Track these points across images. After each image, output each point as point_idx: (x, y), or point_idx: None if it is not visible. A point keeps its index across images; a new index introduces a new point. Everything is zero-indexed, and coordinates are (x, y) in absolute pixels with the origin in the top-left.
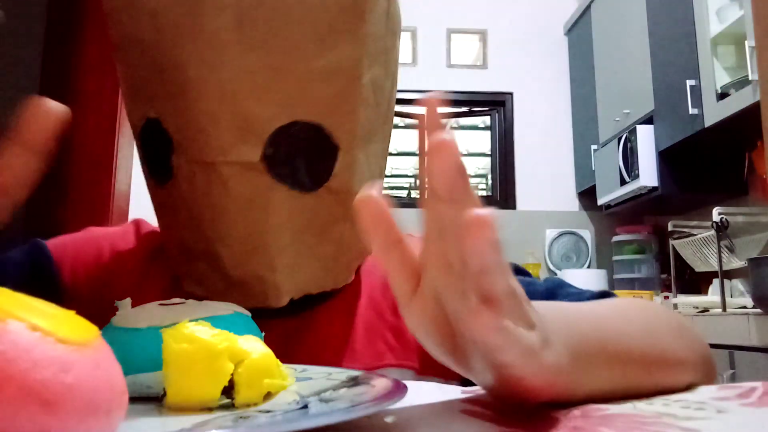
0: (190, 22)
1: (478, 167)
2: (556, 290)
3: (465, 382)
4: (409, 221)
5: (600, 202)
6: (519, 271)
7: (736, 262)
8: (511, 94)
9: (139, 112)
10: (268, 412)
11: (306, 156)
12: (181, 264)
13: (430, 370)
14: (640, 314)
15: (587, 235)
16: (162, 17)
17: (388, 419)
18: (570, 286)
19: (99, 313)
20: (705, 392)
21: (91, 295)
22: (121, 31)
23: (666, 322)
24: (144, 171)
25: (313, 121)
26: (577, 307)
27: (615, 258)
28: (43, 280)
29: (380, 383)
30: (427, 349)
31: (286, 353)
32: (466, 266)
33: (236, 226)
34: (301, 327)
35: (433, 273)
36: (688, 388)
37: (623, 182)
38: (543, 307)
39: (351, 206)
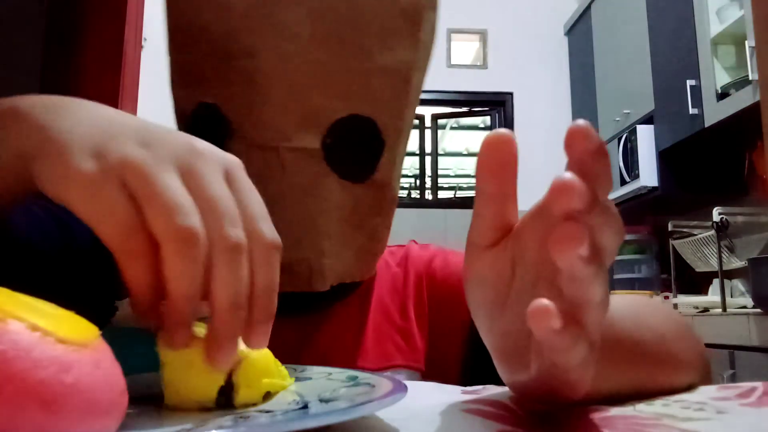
0: (265, 13)
1: None
2: None
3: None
4: (409, 221)
5: None
6: None
7: (736, 262)
8: (511, 94)
9: (191, 97)
10: (268, 412)
11: (358, 149)
12: None
13: (436, 377)
14: (650, 313)
15: None
16: (233, 8)
17: (388, 419)
18: None
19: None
20: (705, 392)
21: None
22: (181, 20)
23: (672, 323)
24: None
25: (368, 116)
26: None
27: (615, 258)
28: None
29: (380, 383)
30: (469, 301)
31: (298, 353)
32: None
33: (290, 211)
34: (313, 328)
35: (527, 250)
36: (687, 388)
37: (623, 182)
38: None
39: (386, 200)
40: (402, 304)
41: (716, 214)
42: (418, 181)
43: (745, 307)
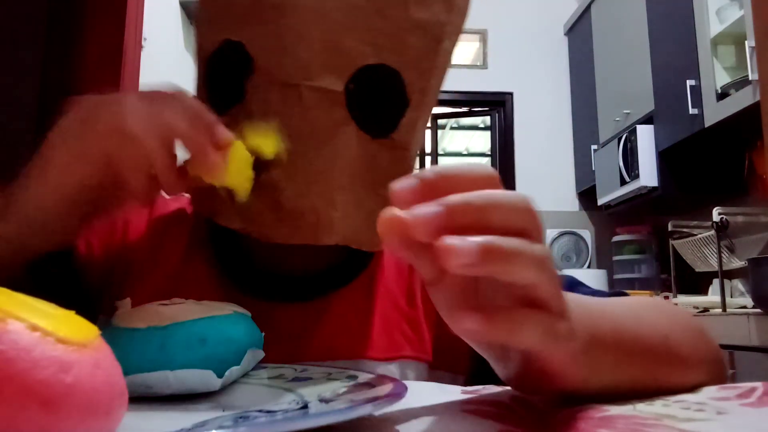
0: None
1: None
2: (572, 289)
3: (473, 376)
4: None
5: (600, 202)
6: None
7: (736, 262)
8: (511, 94)
9: (216, 35)
10: (268, 412)
11: (381, 101)
12: (223, 197)
13: (442, 364)
14: (652, 313)
15: (587, 235)
16: None
17: (388, 419)
18: (584, 285)
19: (114, 281)
20: (705, 392)
21: (107, 264)
22: None
23: (677, 322)
24: (201, 97)
25: (396, 68)
26: (595, 301)
27: (615, 258)
28: (58, 256)
29: (380, 383)
30: (451, 326)
31: (300, 340)
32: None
33: (303, 153)
34: (316, 314)
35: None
36: (694, 387)
37: (623, 182)
38: (566, 297)
39: (403, 167)
40: (409, 290)
41: (716, 214)
42: None
43: (745, 307)
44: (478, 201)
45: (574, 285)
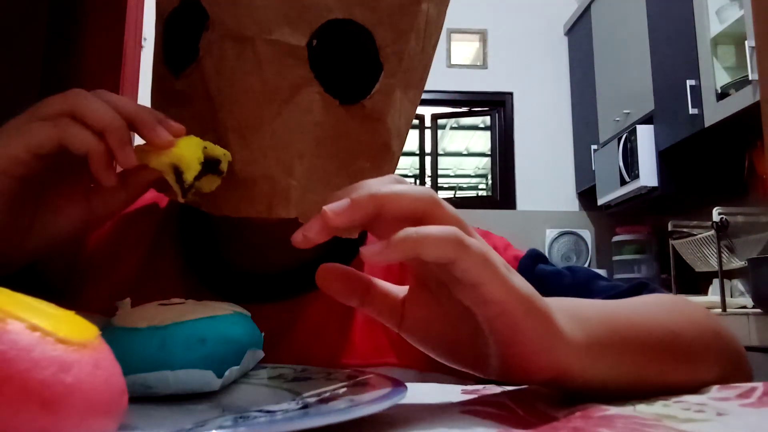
0: None
1: (478, 167)
2: (587, 284)
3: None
4: None
5: (600, 202)
6: (542, 259)
7: (736, 262)
8: (511, 94)
9: None
10: (268, 412)
11: (350, 63)
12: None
13: (441, 366)
14: (663, 311)
15: (587, 235)
16: None
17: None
18: (601, 278)
19: (75, 275)
20: (705, 393)
21: (69, 257)
22: None
23: (691, 320)
24: (156, 68)
25: (367, 27)
26: (600, 302)
27: (615, 258)
28: None
29: (380, 383)
30: (433, 354)
31: (276, 341)
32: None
33: (259, 115)
34: (289, 316)
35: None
36: (707, 385)
37: (623, 182)
38: (557, 299)
39: (378, 142)
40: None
41: (716, 214)
42: (417, 181)
43: (745, 307)
44: (381, 192)
45: (591, 278)
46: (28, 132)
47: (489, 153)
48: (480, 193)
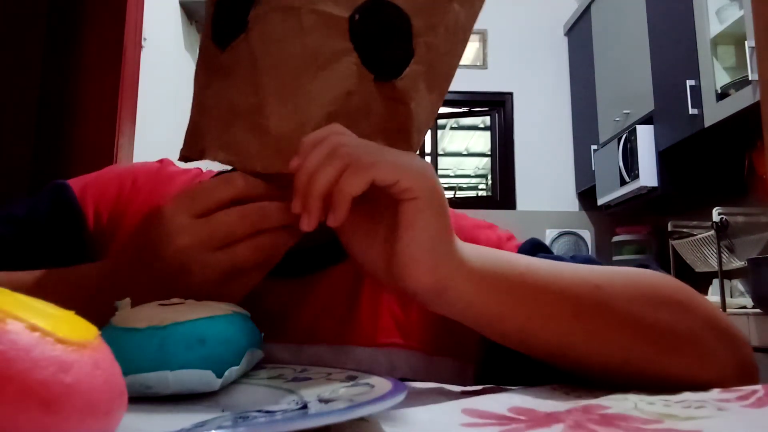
0: None
1: (478, 167)
2: (533, 250)
3: (484, 367)
4: None
5: (600, 202)
6: (543, 248)
7: (736, 263)
8: (511, 94)
9: None
10: (268, 412)
11: (386, 43)
12: (214, 132)
13: (445, 350)
14: (604, 274)
15: (587, 235)
16: None
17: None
18: (598, 262)
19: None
20: (706, 393)
21: (115, 235)
22: None
23: (640, 286)
24: (204, 45)
25: (405, 11)
26: (514, 254)
27: (615, 258)
28: (67, 224)
29: (379, 383)
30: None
31: (279, 320)
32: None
33: (297, 76)
34: (298, 293)
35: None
36: (709, 383)
37: (623, 182)
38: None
39: (399, 121)
40: None
41: (716, 214)
42: None
43: (745, 307)
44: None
45: (588, 260)
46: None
47: (489, 153)
48: (480, 193)
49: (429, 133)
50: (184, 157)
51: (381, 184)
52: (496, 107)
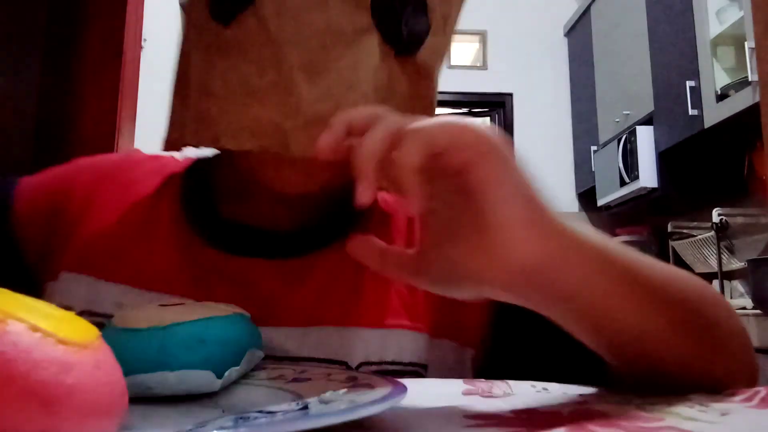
0: None
1: None
2: None
3: (485, 352)
4: None
5: (600, 203)
6: None
7: (735, 263)
8: (511, 94)
9: None
10: (268, 412)
11: (406, 19)
12: (230, 116)
13: (446, 333)
14: (673, 272)
15: None
16: None
17: (387, 420)
18: None
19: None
20: (709, 395)
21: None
22: None
23: (701, 294)
24: (197, 23)
25: None
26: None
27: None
28: None
29: (380, 384)
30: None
31: (277, 302)
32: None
33: (324, 55)
34: (296, 273)
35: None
36: (714, 380)
37: (623, 183)
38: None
39: (423, 99)
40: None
41: (716, 215)
42: None
43: (744, 308)
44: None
45: None
46: None
47: None
48: None
49: None
50: (177, 145)
51: (441, 146)
52: (496, 108)
